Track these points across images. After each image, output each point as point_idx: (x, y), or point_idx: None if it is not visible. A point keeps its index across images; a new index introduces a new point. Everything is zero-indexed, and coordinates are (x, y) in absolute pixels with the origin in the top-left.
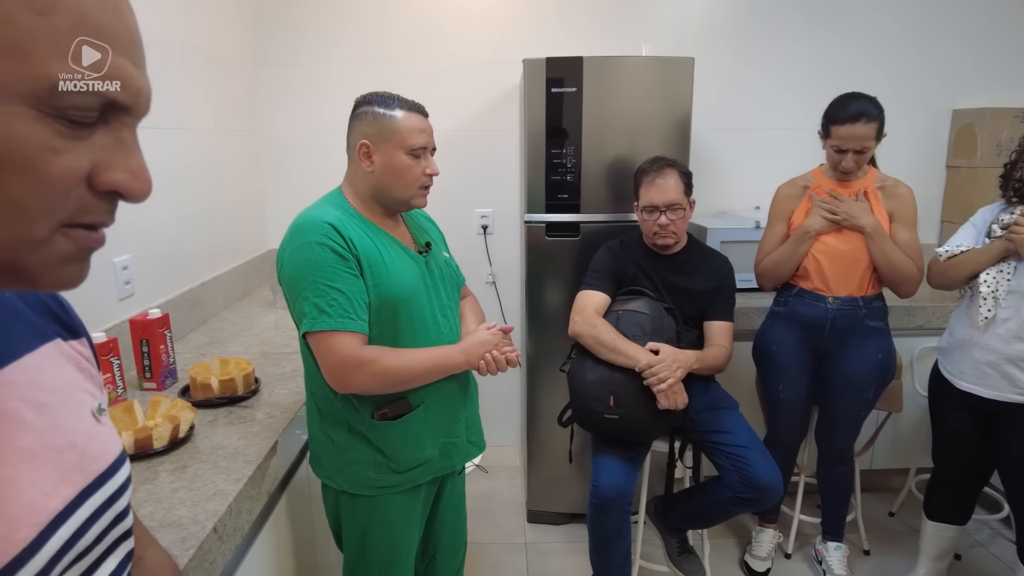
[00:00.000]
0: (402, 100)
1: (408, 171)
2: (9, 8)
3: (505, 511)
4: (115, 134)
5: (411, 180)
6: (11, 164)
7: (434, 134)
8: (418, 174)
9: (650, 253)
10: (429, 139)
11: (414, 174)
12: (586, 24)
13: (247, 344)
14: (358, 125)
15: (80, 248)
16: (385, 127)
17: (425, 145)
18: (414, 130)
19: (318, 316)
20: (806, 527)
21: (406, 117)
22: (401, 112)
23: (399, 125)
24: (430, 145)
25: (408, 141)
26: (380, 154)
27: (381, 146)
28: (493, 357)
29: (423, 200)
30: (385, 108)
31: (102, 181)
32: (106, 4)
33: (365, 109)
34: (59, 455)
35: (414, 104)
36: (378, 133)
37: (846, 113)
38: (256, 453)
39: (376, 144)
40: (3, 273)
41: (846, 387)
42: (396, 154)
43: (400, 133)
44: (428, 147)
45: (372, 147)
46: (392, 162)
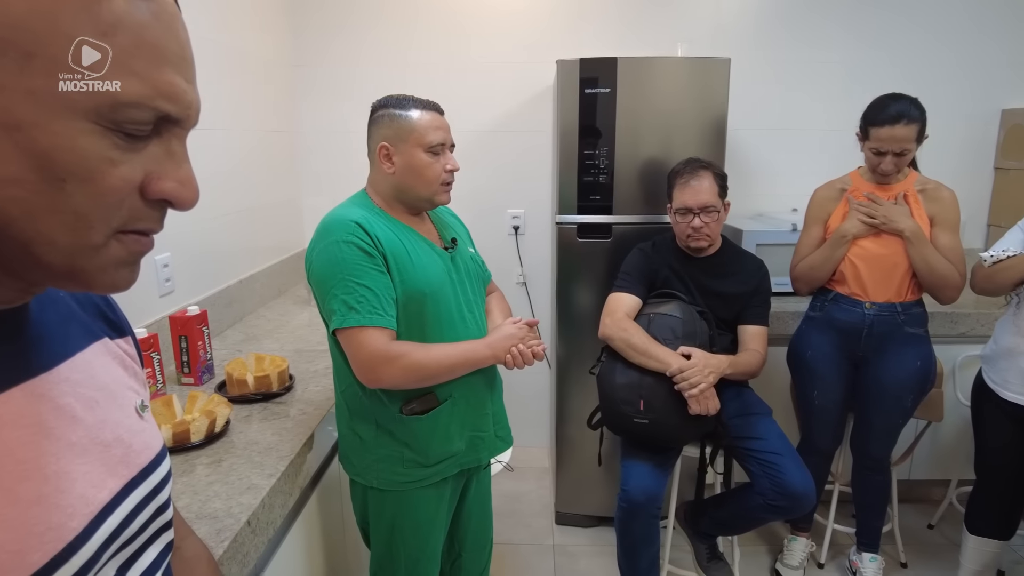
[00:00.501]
0: (417, 100)
1: (428, 169)
2: (75, 29)
3: (533, 512)
4: (166, 145)
5: (432, 177)
6: (74, 175)
7: (467, 135)
8: (438, 171)
9: (683, 255)
10: (447, 136)
11: (434, 171)
12: (620, 24)
13: (282, 341)
14: (376, 128)
15: (132, 252)
16: (402, 127)
17: (443, 142)
18: (431, 128)
19: (347, 313)
20: (840, 537)
21: (422, 116)
22: (417, 111)
23: (416, 124)
24: (448, 141)
25: (426, 139)
26: (400, 155)
27: (400, 147)
28: (519, 351)
29: (446, 196)
30: (401, 109)
31: (153, 190)
32: (161, 25)
33: (382, 113)
34: (106, 449)
35: (429, 103)
36: (396, 134)
37: (886, 115)
38: (289, 449)
39: (395, 145)
40: (62, 276)
41: (883, 395)
42: (415, 153)
43: (417, 132)
44: (446, 143)
45: (391, 148)
46: (412, 161)
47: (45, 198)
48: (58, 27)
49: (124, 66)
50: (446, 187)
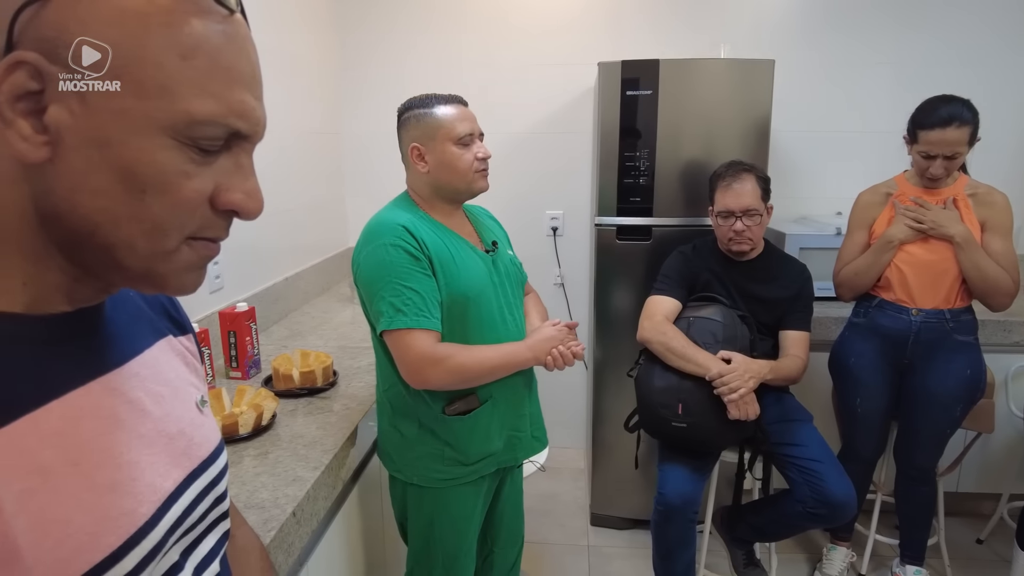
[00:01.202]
0: (439, 96)
1: (460, 160)
2: (160, 54)
3: (568, 512)
4: (235, 159)
5: (465, 168)
6: (153, 186)
7: (508, 136)
8: (470, 161)
9: (724, 259)
10: (474, 125)
11: (466, 162)
12: (662, 26)
13: (326, 338)
14: (404, 131)
15: (201, 257)
16: (430, 125)
17: (471, 132)
18: (457, 120)
19: (394, 315)
20: (882, 548)
21: (446, 110)
22: (441, 107)
23: (442, 120)
24: (476, 131)
25: (454, 132)
26: (431, 152)
27: (430, 144)
28: (560, 352)
29: (484, 183)
30: (425, 108)
31: (222, 201)
32: (234, 47)
33: (407, 115)
34: (171, 442)
35: (451, 97)
36: (424, 133)
37: (936, 117)
38: (333, 443)
39: (425, 144)
40: (138, 278)
41: (931, 403)
42: (446, 147)
43: (444, 127)
44: (475, 133)
45: (422, 148)
46: (444, 156)
47: (127, 207)
48: (145, 54)
49: (201, 87)
50: (481, 174)
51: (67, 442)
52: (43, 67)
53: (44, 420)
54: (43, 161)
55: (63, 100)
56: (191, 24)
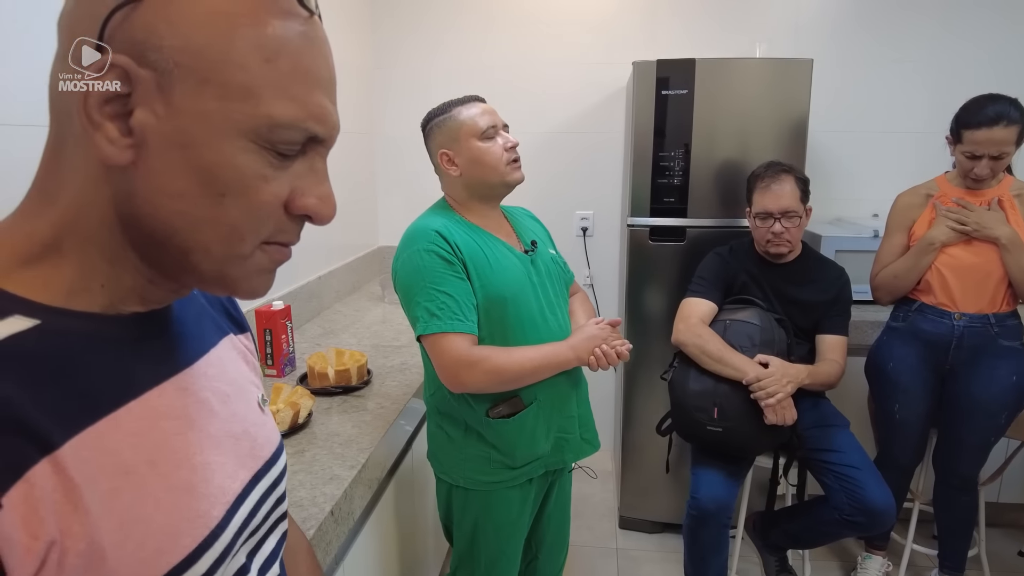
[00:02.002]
0: (454, 100)
1: (488, 154)
2: (244, 56)
3: (597, 515)
4: (310, 163)
5: (494, 160)
6: (232, 190)
7: (538, 136)
8: (498, 152)
9: (762, 261)
10: (495, 117)
11: (494, 154)
12: (697, 24)
13: (359, 336)
14: (431, 141)
15: (273, 261)
16: (452, 128)
17: (493, 124)
18: (477, 116)
19: (429, 319)
20: (919, 558)
21: (464, 109)
22: (458, 107)
23: (462, 119)
24: (499, 123)
25: (476, 127)
26: (459, 153)
27: (456, 146)
28: (603, 351)
29: (518, 173)
30: (443, 114)
31: (297, 205)
32: (314, 51)
33: (430, 126)
34: (237, 442)
35: (466, 96)
36: (448, 136)
37: (983, 116)
38: (369, 442)
39: (451, 147)
40: (212, 281)
41: (974, 410)
42: (471, 144)
43: (466, 124)
44: (497, 125)
45: (450, 152)
46: (471, 153)
47: (206, 211)
48: (230, 56)
49: (283, 90)
50: (513, 164)
51: (145, 442)
52: (132, 70)
53: (125, 420)
54: (127, 164)
55: (149, 103)
56: (274, 26)
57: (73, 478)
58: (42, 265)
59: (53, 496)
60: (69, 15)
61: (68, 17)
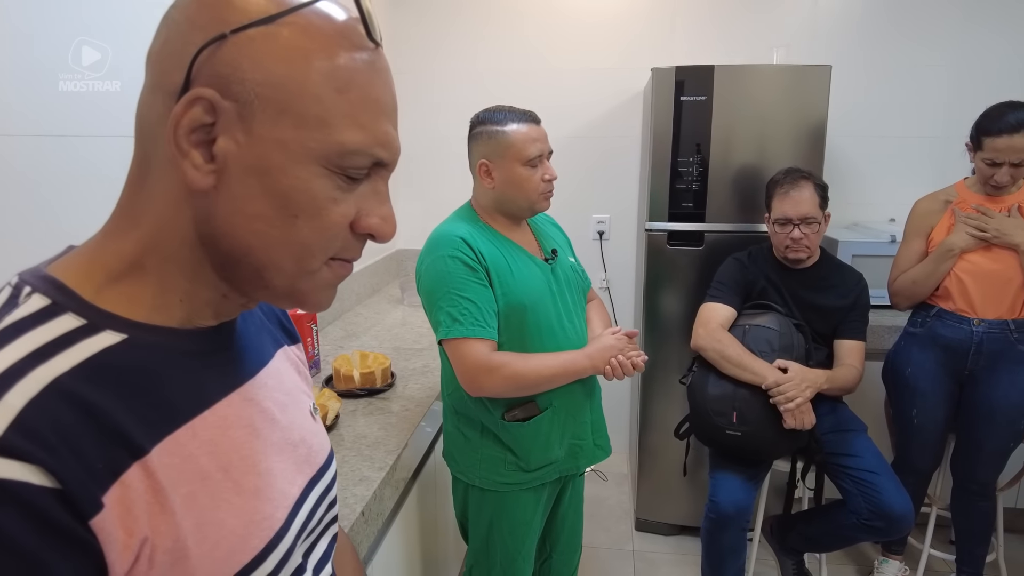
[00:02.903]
0: (513, 112)
1: (527, 182)
2: (319, 88)
3: (613, 517)
4: (374, 185)
5: (531, 189)
6: (305, 211)
7: (555, 141)
8: (537, 182)
9: (780, 267)
10: (544, 146)
11: (533, 183)
12: (714, 30)
13: (380, 339)
14: (475, 146)
15: (337, 276)
16: (500, 144)
17: (540, 153)
18: (528, 141)
19: (451, 324)
20: (936, 563)
21: (518, 130)
22: (513, 125)
23: (513, 139)
24: (545, 151)
25: (524, 153)
26: (499, 170)
27: (498, 162)
28: (619, 362)
29: (546, 203)
30: (498, 125)
31: (362, 225)
32: (379, 81)
33: (480, 129)
34: (295, 449)
35: (525, 114)
36: (494, 150)
37: (1004, 123)
38: (396, 444)
39: (494, 161)
40: (281, 296)
41: (993, 416)
42: (513, 167)
43: (515, 147)
44: (544, 154)
45: (491, 165)
46: (511, 175)
47: (280, 231)
48: (306, 88)
49: (353, 119)
50: (545, 195)
51: (218, 449)
52: (217, 102)
53: (200, 428)
54: (209, 188)
55: (230, 131)
56: (346, 59)
57: (160, 481)
58: (127, 282)
59: (144, 497)
60: (158, 52)
61: (157, 54)
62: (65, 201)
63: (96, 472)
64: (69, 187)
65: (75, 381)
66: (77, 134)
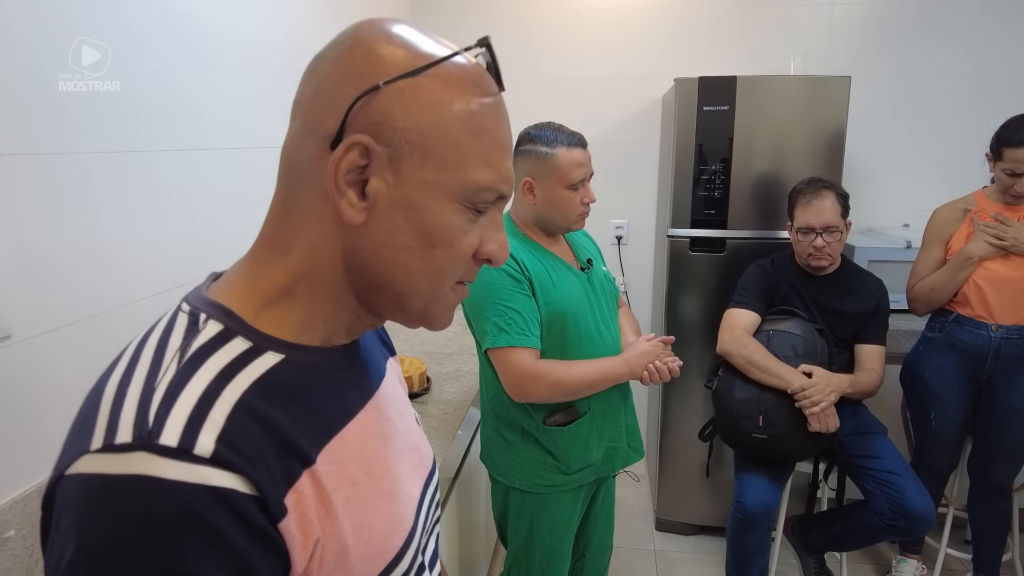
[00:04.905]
0: (563, 134)
1: (568, 204)
2: (459, 133)
3: (633, 517)
4: (492, 215)
5: (571, 211)
6: (441, 242)
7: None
8: (576, 205)
9: (802, 273)
10: (588, 170)
11: (573, 206)
12: (731, 40)
13: (411, 344)
14: (521, 162)
15: (459, 297)
16: (548, 165)
17: (584, 177)
18: (574, 166)
19: (498, 334)
20: (953, 562)
21: (566, 154)
22: (562, 149)
23: (559, 163)
24: (588, 174)
25: (569, 178)
26: (542, 189)
27: (542, 182)
28: (656, 367)
29: (581, 223)
30: (547, 146)
31: (483, 252)
32: (504, 123)
33: (529, 148)
34: (412, 454)
35: (574, 137)
36: (541, 171)
37: (1023, 135)
38: (439, 447)
39: (538, 180)
40: (414, 317)
41: (1011, 419)
42: (557, 189)
43: (561, 170)
44: (587, 178)
45: (534, 183)
46: (553, 196)
47: (420, 261)
48: (448, 134)
49: (484, 159)
50: (582, 217)
51: (362, 456)
52: (372, 147)
53: (348, 437)
54: (360, 223)
55: (382, 173)
56: (478, 105)
57: (325, 487)
58: (278, 306)
59: (314, 502)
60: (309, 99)
61: (308, 101)
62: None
63: (279, 480)
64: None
65: (254, 399)
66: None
